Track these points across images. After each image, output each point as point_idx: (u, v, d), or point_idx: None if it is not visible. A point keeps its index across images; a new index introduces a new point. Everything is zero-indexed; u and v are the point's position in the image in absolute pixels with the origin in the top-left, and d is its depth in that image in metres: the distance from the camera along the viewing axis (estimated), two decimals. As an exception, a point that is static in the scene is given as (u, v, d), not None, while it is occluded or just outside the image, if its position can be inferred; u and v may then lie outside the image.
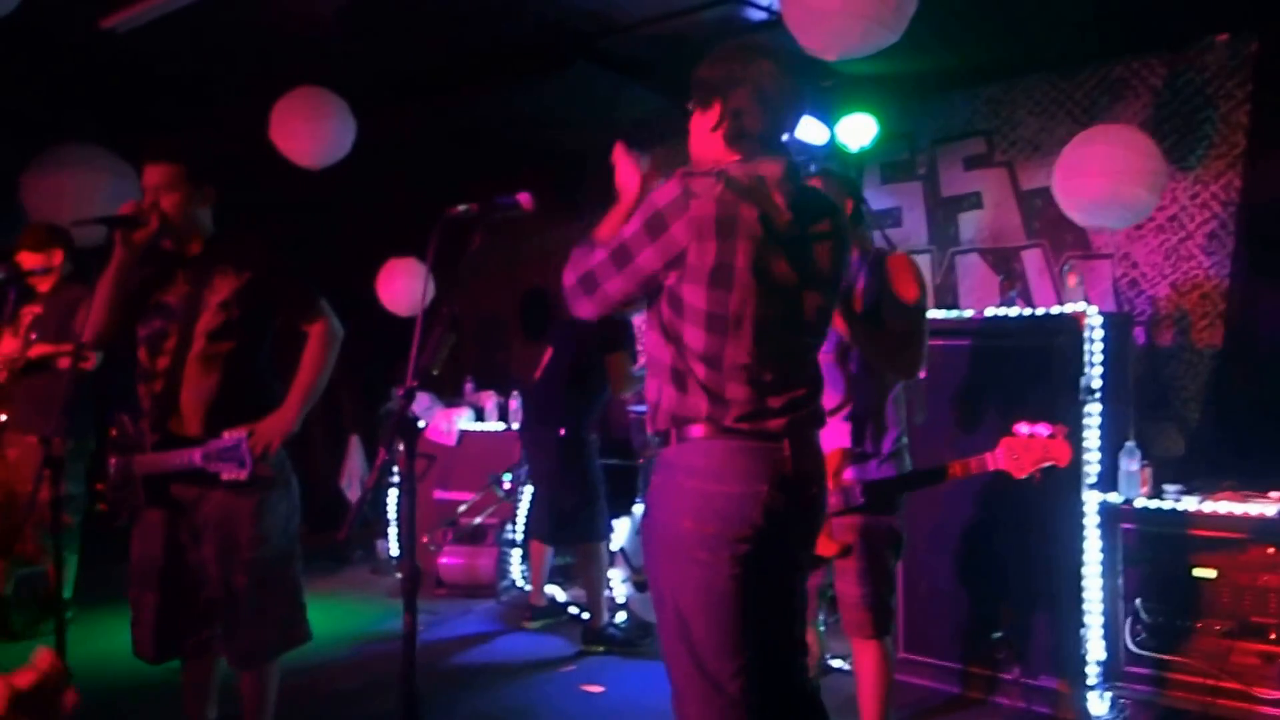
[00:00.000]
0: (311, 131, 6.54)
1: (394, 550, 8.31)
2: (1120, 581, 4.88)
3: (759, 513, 2.78)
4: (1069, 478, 4.87)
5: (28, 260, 6.03)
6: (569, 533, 6.37)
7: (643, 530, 2.99)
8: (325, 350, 4.07)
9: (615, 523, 6.61)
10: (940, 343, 5.32)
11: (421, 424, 7.78)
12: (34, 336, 5.96)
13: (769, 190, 2.84)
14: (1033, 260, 6.71)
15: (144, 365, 3.92)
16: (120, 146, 6.81)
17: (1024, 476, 3.77)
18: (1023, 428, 3.71)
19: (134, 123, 7.09)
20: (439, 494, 7.95)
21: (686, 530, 2.80)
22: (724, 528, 2.77)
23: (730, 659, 2.78)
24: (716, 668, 2.78)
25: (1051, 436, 3.66)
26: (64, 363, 5.95)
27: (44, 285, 6.13)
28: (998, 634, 4.94)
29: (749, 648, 2.81)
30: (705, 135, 3.04)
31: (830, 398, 3.84)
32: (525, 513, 7.63)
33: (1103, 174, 5.40)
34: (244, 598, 3.90)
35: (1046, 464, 3.69)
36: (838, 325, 3.89)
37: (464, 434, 8.03)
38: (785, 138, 3.06)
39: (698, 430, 2.83)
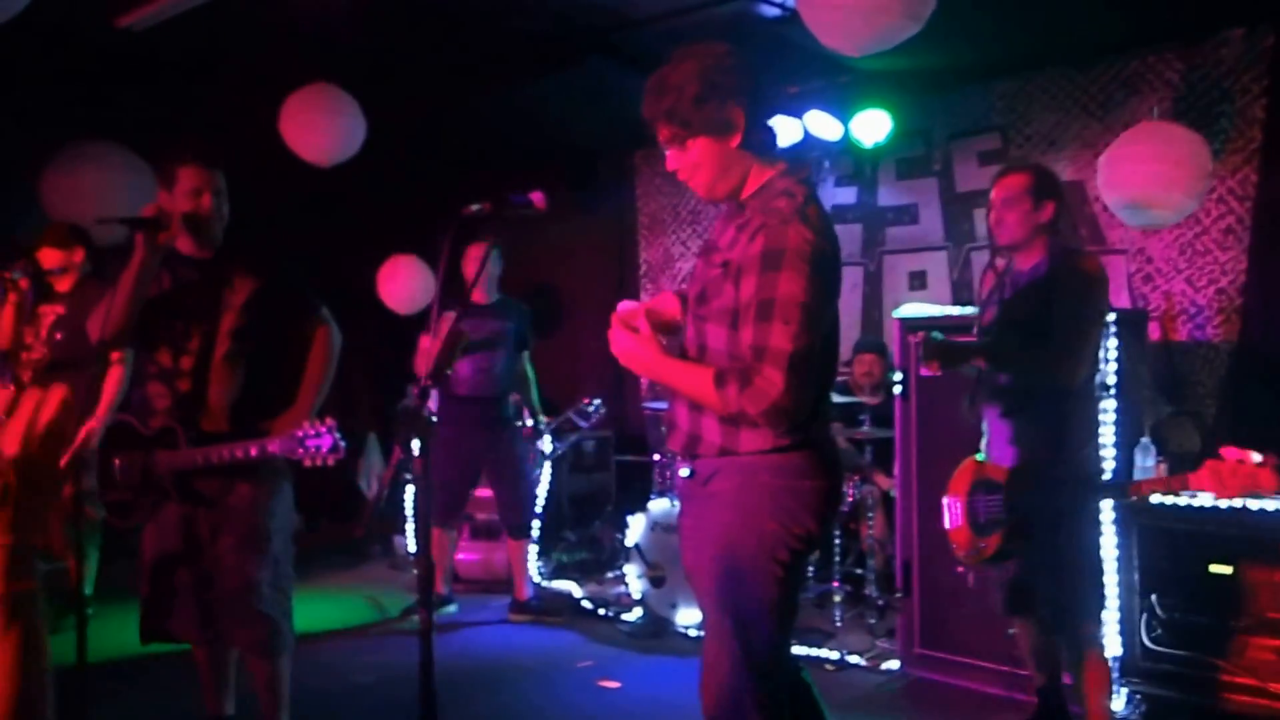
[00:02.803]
0: (322, 128, 6.60)
1: (411, 546, 8.33)
2: (1136, 578, 4.88)
3: (830, 506, 2.93)
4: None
5: (49, 258, 6.06)
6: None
7: (701, 534, 2.97)
8: (330, 353, 4.23)
9: (630, 519, 6.64)
10: (957, 339, 5.33)
11: (436, 420, 7.81)
12: (60, 337, 5.98)
13: (821, 204, 2.89)
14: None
15: (165, 365, 3.97)
16: (135, 144, 6.84)
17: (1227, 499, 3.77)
18: (1231, 452, 3.40)
19: (149, 120, 7.13)
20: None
21: (770, 531, 2.82)
22: (810, 522, 2.84)
23: (780, 652, 2.92)
24: (770, 661, 2.88)
25: (1261, 464, 3.30)
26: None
27: (63, 284, 6.15)
28: (1013, 630, 4.94)
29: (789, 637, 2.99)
30: (727, 157, 2.88)
31: None
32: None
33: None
34: (261, 587, 3.96)
35: (1253, 492, 3.38)
36: None
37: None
38: None
39: (785, 434, 2.83)
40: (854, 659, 5.67)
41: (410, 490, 8.23)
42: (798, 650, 3.78)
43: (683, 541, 3.11)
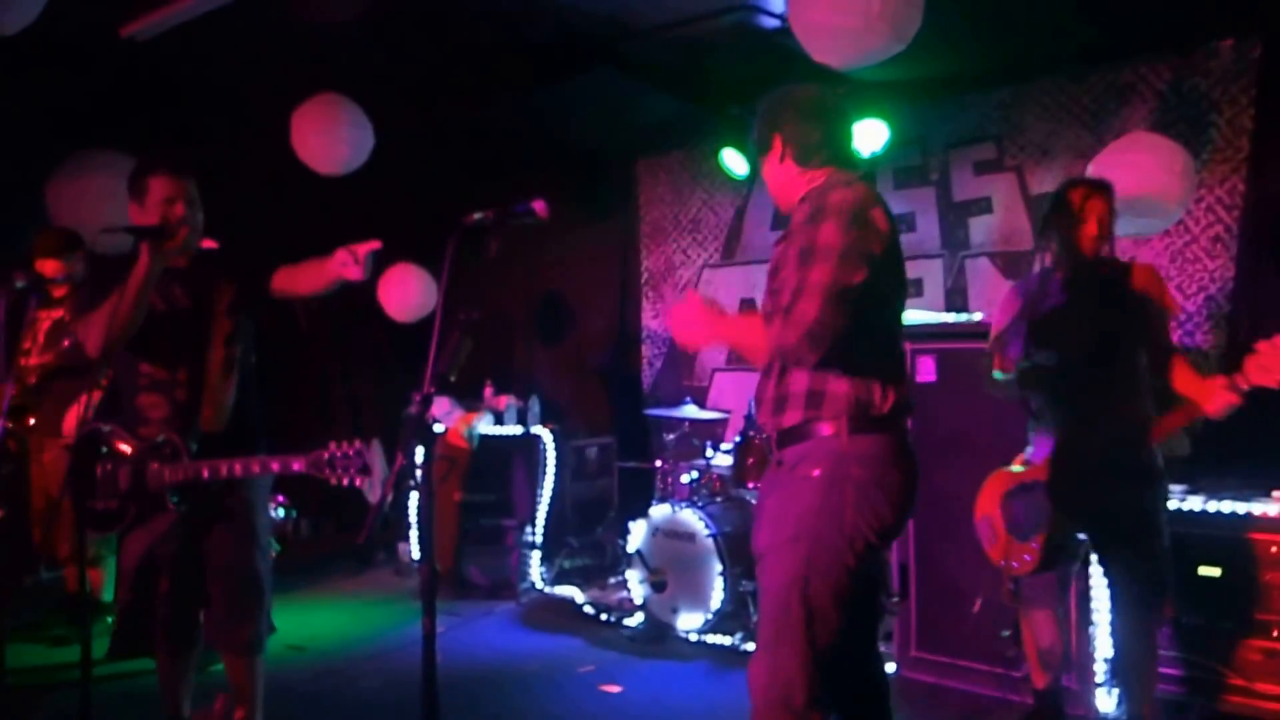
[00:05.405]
0: (332, 139, 6.64)
1: (415, 553, 8.39)
2: (1127, 579, 4.94)
3: (908, 499, 3.10)
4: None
5: (49, 268, 6.10)
6: None
7: (778, 519, 3.12)
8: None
9: (632, 525, 6.72)
10: (953, 346, 5.40)
11: (441, 428, 7.88)
12: (66, 344, 6.03)
13: (872, 188, 3.15)
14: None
15: (159, 376, 4.00)
16: (141, 153, 6.90)
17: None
18: (1263, 344, 3.69)
19: (155, 130, 7.19)
20: (460, 496, 8.02)
21: (849, 521, 2.99)
22: (888, 514, 3.02)
23: (842, 648, 3.02)
24: (831, 656, 2.99)
25: None
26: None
27: (59, 290, 6.20)
28: (1006, 632, 5.00)
29: (855, 636, 3.14)
30: (778, 171, 3.31)
31: None
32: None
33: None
34: (259, 583, 4.05)
35: None
36: None
37: (483, 437, 8.09)
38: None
39: (860, 421, 3.03)
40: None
41: (414, 497, 8.31)
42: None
43: (757, 524, 3.23)
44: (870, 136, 6.69)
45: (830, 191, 3.06)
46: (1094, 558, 4.56)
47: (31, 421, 6.10)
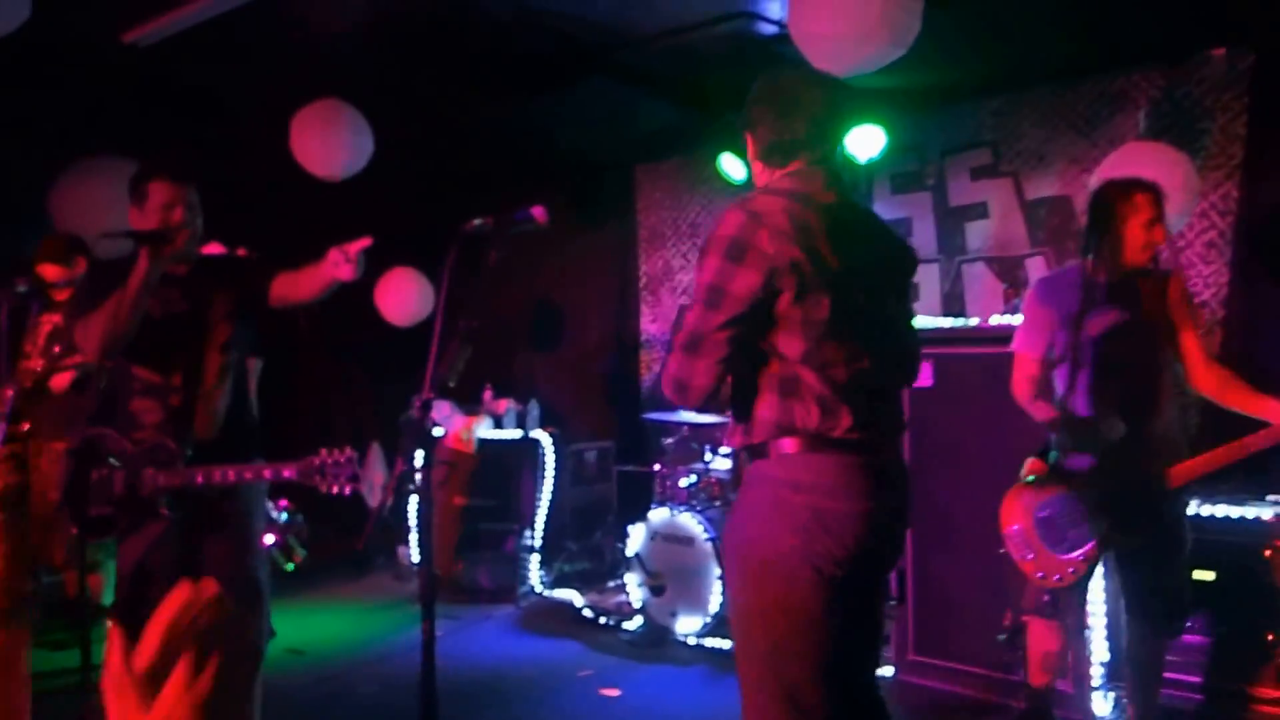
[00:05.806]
0: (332, 143, 6.67)
1: (415, 557, 8.41)
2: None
3: (867, 531, 2.76)
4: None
5: (51, 273, 6.11)
6: None
7: (730, 547, 2.94)
8: None
9: (630, 528, 6.74)
10: (948, 351, 5.42)
11: (440, 432, 7.90)
12: (58, 350, 6.03)
13: (810, 193, 2.89)
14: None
15: (154, 381, 3.99)
16: (142, 159, 6.91)
17: None
18: None
19: (157, 135, 7.20)
20: (460, 500, 8.05)
21: (790, 548, 2.74)
22: (834, 546, 2.72)
23: (821, 683, 2.76)
24: (808, 693, 2.76)
25: None
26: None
27: (61, 295, 6.20)
28: (1002, 636, 5.01)
29: (838, 670, 2.80)
30: (754, 167, 3.13)
31: None
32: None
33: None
34: (257, 588, 4.03)
35: None
36: None
37: (483, 441, 8.14)
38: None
39: (805, 442, 2.78)
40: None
41: (413, 501, 8.33)
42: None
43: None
44: (868, 142, 6.71)
45: (725, 216, 2.80)
46: (1103, 566, 4.56)
47: (26, 427, 6.08)
